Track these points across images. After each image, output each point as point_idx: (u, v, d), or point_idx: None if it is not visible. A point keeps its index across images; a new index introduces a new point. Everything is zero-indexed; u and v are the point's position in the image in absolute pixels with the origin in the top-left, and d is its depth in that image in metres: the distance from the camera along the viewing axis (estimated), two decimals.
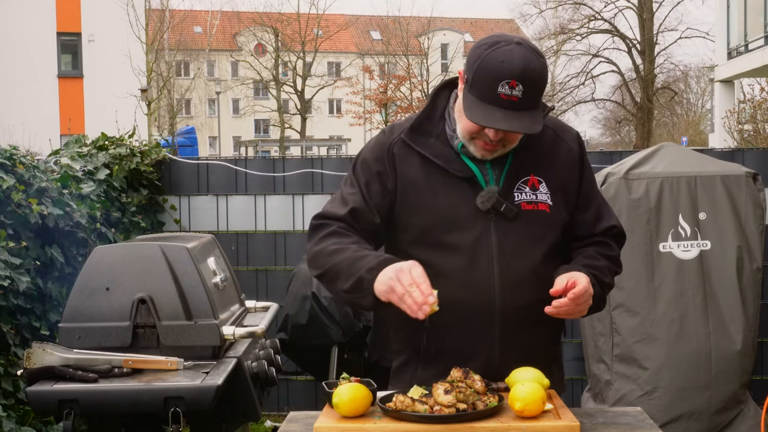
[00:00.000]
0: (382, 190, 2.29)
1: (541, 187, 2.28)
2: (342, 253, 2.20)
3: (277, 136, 39.15)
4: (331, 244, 2.24)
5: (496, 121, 2.12)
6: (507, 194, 2.26)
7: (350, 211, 2.28)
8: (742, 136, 14.08)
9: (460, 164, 2.26)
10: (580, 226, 2.36)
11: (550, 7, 33.80)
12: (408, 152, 2.29)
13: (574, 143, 2.36)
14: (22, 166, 3.71)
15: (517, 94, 2.11)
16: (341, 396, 2.03)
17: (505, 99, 2.11)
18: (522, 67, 2.11)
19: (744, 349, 4.25)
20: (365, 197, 2.29)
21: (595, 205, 2.38)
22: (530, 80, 2.12)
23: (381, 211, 2.29)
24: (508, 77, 2.10)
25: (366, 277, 2.12)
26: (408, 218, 2.29)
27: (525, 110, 2.13)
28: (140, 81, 25.54)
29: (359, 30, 49.08)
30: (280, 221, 5.38)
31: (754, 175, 4.34)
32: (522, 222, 2.25)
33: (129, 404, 2.81)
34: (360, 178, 2.31)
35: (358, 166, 2.34)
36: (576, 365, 4.82)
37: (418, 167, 2.28)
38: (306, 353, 4.38)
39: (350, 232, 2.27)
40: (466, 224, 2.24)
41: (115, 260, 3.08)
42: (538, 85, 2.15)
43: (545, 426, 1.96)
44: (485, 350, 2.24)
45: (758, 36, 19.90)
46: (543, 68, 2.16)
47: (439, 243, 2.25)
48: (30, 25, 26.58)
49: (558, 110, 32.89)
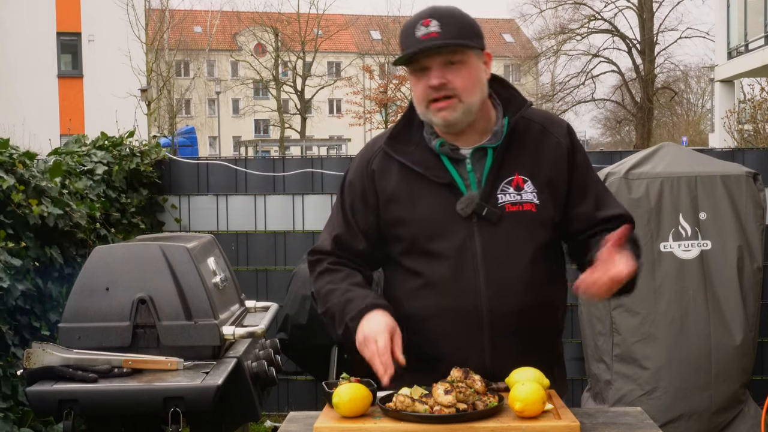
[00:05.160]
0: (366, 209, 2.31)
1: (527, 186, 2.23)
2: (333, 295, 2.27)
3: (277, 136, 39.16)
4: (325, 284, 2.31)
5: (417, 47, 2.15)
6: (490, 196, 2.22)
7: (334, 242, 2.34)
8: (742, 136, 14.07)
9: (440, 170, 2.24)
10: (580, 219, 2.28)
11: (550, 7, 33.82)
12: (388, 164, 2.29)
13: (564, 136, 2.29)
14: (22, 166, 3.71)
15: (434, 29, 2.14)
16: (341, 396, 2.03)
17: (425, 38, 2.14)
18: (431, 8, 2.18)
19: (744, 349, 4.25)
20: (349, 221, 2.33)
21: (592, 195, 2.29)
22: (442, 14, 2.16)
23: (369, 231, 2.32)
24: (421, 19, 2.16)
25: (350, 326, 2.20)
26: (394, 230, 2.29)
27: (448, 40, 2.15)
28: (140, 81, 25.53)
29: (359, 30, 49.10)
30: (280, 221, 5.38)
31: (755, 174, 4.34)
32: (507, 224, 2.21)
33: (129, 404, 2.81)
34: (345, 200, 2.35)
35: (345, 187, 2.37)
36: (576, 365, 4.83)
37: (398, 178, 2.27)
38: (306, 353, 4.37)
39: (340, 267, 2.33)
40: (450, 231, 2.22)
41: (115, 260, 3.08)
42: (454, 17, 2.17)
43: (545, 426, 1.96)
44: (476, 357, 2.20)
45: (758, 36, 19.90)
46: (457, 8, 2.21)
47: (426, 252, 2.24)
48: (30, 25, 26.57)
49: (558, 110, 32.86)
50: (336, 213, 2.38)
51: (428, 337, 2.26)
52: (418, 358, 2.27)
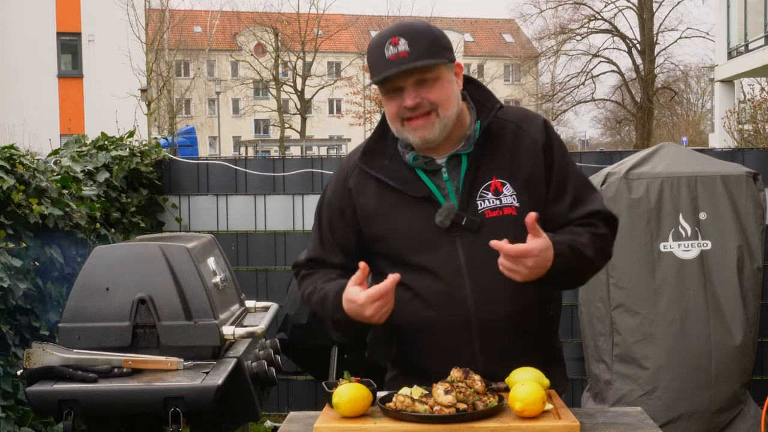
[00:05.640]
0: (345, 226, 2.31)
1: (505, 189, 2.21)
2: (312, 297, 2.32)
3: (277, 136, 39.15)
4: (305, 287, 2.37)
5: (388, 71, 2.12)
6: (468, 204, 2.20)
7: (307, 261, 2.39)
8: (742, 136, 14.07)
9: (416, 183, 2.22)
10: (554, 218, 2.23)
11: (550, 7, 33.85)
12: (364, 179, 2.28)
13: (539, 132, 2.24)
14: (22, 167, 3.71)
15: (403, 48, 2.11)
16: (341, 396, 2.03)
17: (395, 59, 2.11)
18: (397, 25, 2.17)
19: (744, 349, 4.25)
20: (324, 242, 2.36)
21: (570, 192, 2.24)
22: (410, 31, 2.13)
23: (348, 246, 2.32)
24: (387, 38, 2.13)
25: (336, 318, 2.21)
26: (376, 245, 2.28)
27: (419, 60, 2.11)
28: (140, 81, 25.51)
29: (359, 30, 49.08)
30: (280, 221, 5.38)
31: (755, 174, 4.34)
32: (488, 231, 2.17)
33: (129, 404, 2.81)
34: (323, 219, 2.37)
35: (323, 206, 2.38)
36: (576, 365, 4.83)
37: (375, 194, 2.26)
38: (306, 353, 4.37)
39: (316, 270, 2.37)
40: (432, 244, 2.20)
41: (115, 260, 3.08)
42: (422, 34, 2.14)
43: (545, 426, 1.96)
44: (467, 365, 2.15)
45: (758, 36, 19.91)
46: (424, 23, 2.18)
47: (410, 265, 2.22)
48: (30, 25, 26.58)
49: (558, 110, 32.90)
50: (313, 233, 2.40)
51: (420, 348, 2.26)
52: (409, 367, 2.27)
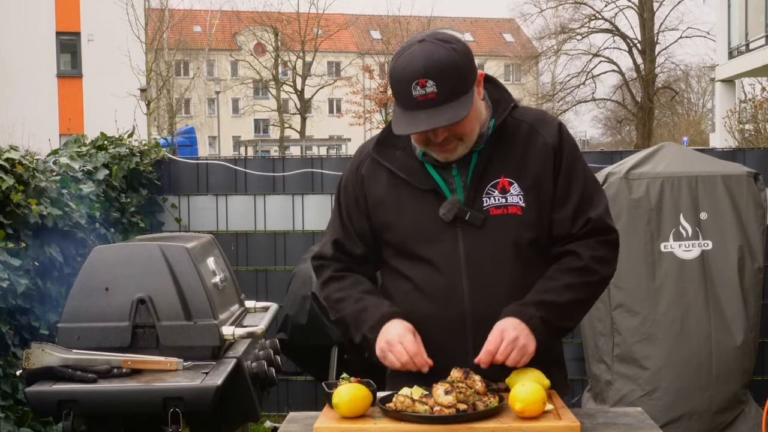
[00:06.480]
0: (359, 213, 2.33)
1: (512, 188, 2.21)
2: (345, 303, 2.31)
3: (277, 135, 39.15)
4: (334, 291, 2.35)
5: (418, 125, 2.09)
6: (474, 200, 2.21)
7: (334, 246, 2.36)
8: (743, 135, 14.08)
9: (424, 176, 2.24)
10: (556, 226, 2.24)
11: (551, 7, 33.83)
12: (376, 169, 2.29)
13: (552, 136, 2.24)
14: (21, 167, 3.70)
15: (431, 90, 2.07)
16: (341, 396, 2.02)
17: (423, 99, 2.08)
18: (424, 64, 2.07)
19: (745, 350, 4.24)
20: (346, 225, 2.35)
21: (573, 201, 2.23)
22: (437, 72, 2.07)
23: (364, 234, 2.33)
24: (415, 78, 2.07)
25: (369, 336, 2.23)
26: (383, 235, 2.30)
27: (447, 102, 2.08)
28: (139, 80, 25.49)
29: (359, 29, 49.09)
30: (280, 221, 5.38)
31: (755, 174, 4.34)
32: (491, 228, 2.19)
33: (128, 404, 2.81)
34: (342, 204, 2.37)
35: (340, 190, 2.38)
36: (576, 365, 4.82)
37: (386, 183, 2.27)
38: (306, 353, 4.37)
39: (346, 273, 2.35)
40: (435, 236, 2.22)
41: (115, 260, 3.08)
42: (449, 74, 2.09)
43: (545, 426, 1.96)
44: (462, 362, 2.16)
45: (759, 35, 19.92)
46: (450, 55, 2.09)
47: (413, 256, 2.25)
48: (29, 24, 26.57)
49: (558, 110, 32.88)
50: (334, 217, 2.40)
51: None
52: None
